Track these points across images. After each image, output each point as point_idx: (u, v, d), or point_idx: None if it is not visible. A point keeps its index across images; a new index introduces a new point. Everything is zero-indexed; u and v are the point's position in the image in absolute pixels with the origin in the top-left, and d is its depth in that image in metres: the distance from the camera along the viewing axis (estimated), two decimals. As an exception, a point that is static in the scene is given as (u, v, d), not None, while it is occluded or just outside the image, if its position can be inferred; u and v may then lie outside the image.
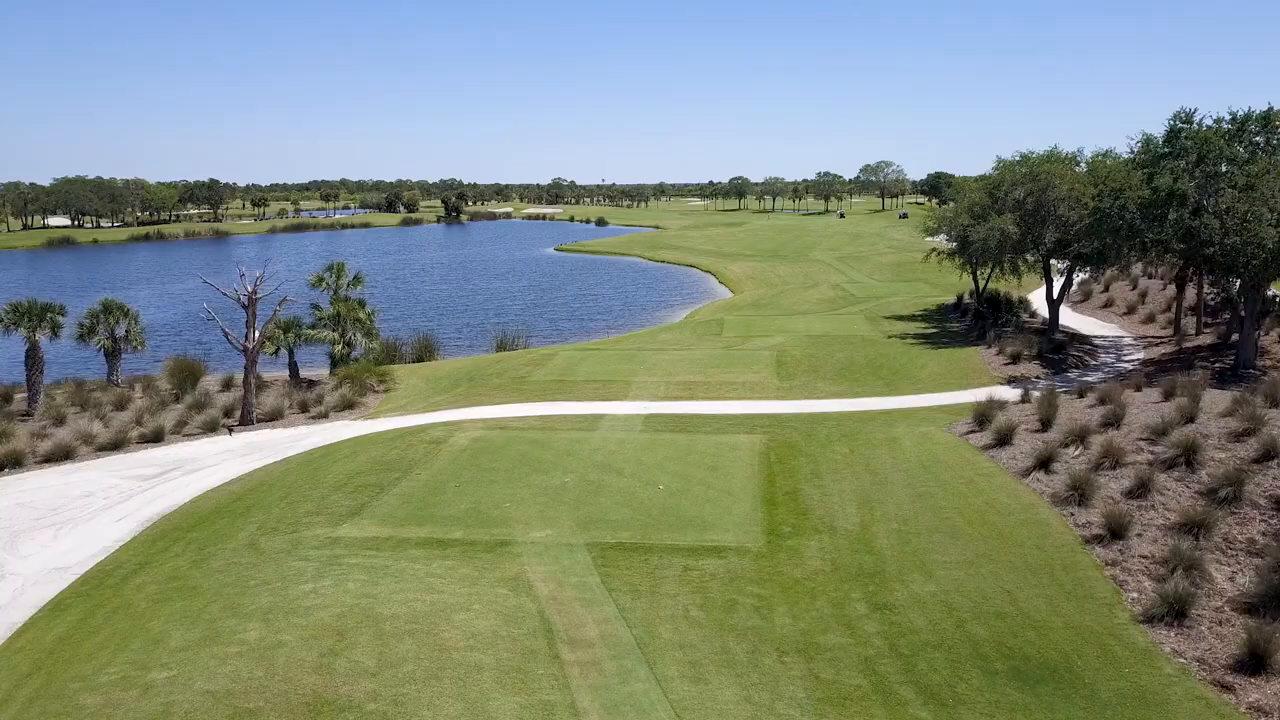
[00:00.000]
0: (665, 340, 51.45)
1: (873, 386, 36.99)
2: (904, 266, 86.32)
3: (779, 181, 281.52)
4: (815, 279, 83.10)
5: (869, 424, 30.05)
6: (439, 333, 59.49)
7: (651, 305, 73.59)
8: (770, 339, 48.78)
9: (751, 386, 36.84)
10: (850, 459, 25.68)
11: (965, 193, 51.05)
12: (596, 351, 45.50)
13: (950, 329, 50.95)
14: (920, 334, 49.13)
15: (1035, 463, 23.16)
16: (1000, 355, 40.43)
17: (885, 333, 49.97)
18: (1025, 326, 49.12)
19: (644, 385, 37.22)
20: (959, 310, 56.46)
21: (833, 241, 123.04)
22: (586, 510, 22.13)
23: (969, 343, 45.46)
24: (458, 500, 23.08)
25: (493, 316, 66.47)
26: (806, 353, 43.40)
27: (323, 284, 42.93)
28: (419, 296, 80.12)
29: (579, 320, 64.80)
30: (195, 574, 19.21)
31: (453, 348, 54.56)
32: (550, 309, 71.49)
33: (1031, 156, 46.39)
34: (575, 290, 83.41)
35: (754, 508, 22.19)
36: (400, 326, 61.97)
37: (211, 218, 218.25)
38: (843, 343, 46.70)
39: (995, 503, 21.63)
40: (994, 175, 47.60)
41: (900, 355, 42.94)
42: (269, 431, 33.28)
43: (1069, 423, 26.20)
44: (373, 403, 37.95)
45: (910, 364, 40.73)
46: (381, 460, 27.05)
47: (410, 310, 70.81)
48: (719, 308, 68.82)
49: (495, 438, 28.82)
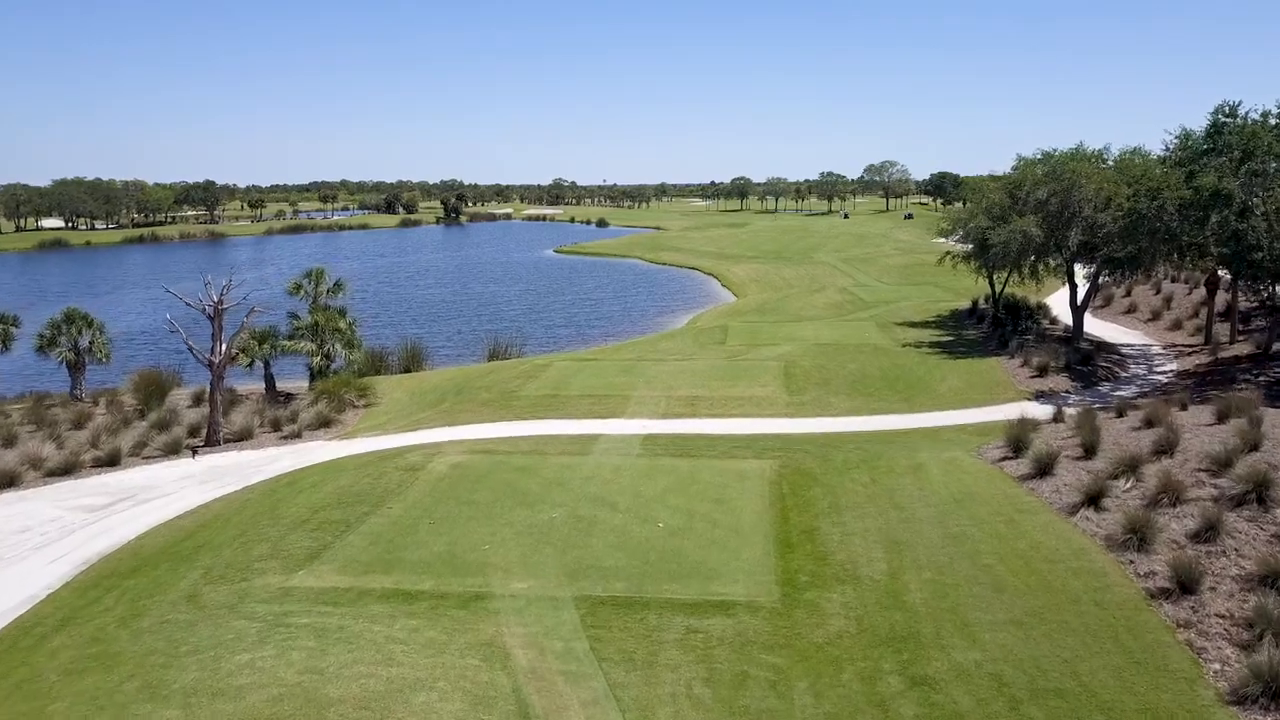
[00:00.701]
0: (666, 349, 48.79)
1: (889, 402, 34.35)
2: (913, 269, 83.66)
3: (781, 182, 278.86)
4: (821, 282, 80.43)
5: (889, 447, 27.40)
6: (429, 340, 56.87)
7: (652, 310, 70.99)
8: (777, 348, 46.11)
9: (759, 402, 34.20)
10: (872, 490, 23.03)
11: (983, 193, 48.33)
12: (593, 362, 42.88)
13: (967, 337, 48.28)
14: (936, 342, 46.46)
15: (1083, 498, 20.49)
16: (1025, 367, 37.75)
17: (898, 341, 47.30)
18: (1047, 334, 46.46)
19: (643, 400, 34.60)
20: (975, 316, 53.77)
21: (837, 243, 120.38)
22: (575, 554, 19.51)
23: (989, 352, 42.79)
24: (431, 541, 20.46)
25: (487, 323, 63.87)
26: (816, 363, 40.76)
27: (301, 291, 40.30)
28: (411, 301, 77.58)
29: (576, 327, 62.18)
30: (121, 636, 16.60)
31: (443, 357, 51.96)
32: (547, 315, 68.91)
33: (1054, 154, 43.71)
34: (573, 295, 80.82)
35: (766, 550, 19.56)
36: (389, 334, 59.38)
37: (207, 219, 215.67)
38: (854, 352, 44.05)
39: (1041, 546, 18.98)
40: (1014, 174, 44.90)
41: (917, 366, 40.29)
42: (236, 453, 30.69)
43: (1115, 448, 23.57)
44: (351, 419, 35.36)
45: (928, 376, 38.08)
46: (351, 490, 24.43)
47: (401, 316, 68.28)
48: (722, 313, 66.18)
49: (478, 464, 26.19)
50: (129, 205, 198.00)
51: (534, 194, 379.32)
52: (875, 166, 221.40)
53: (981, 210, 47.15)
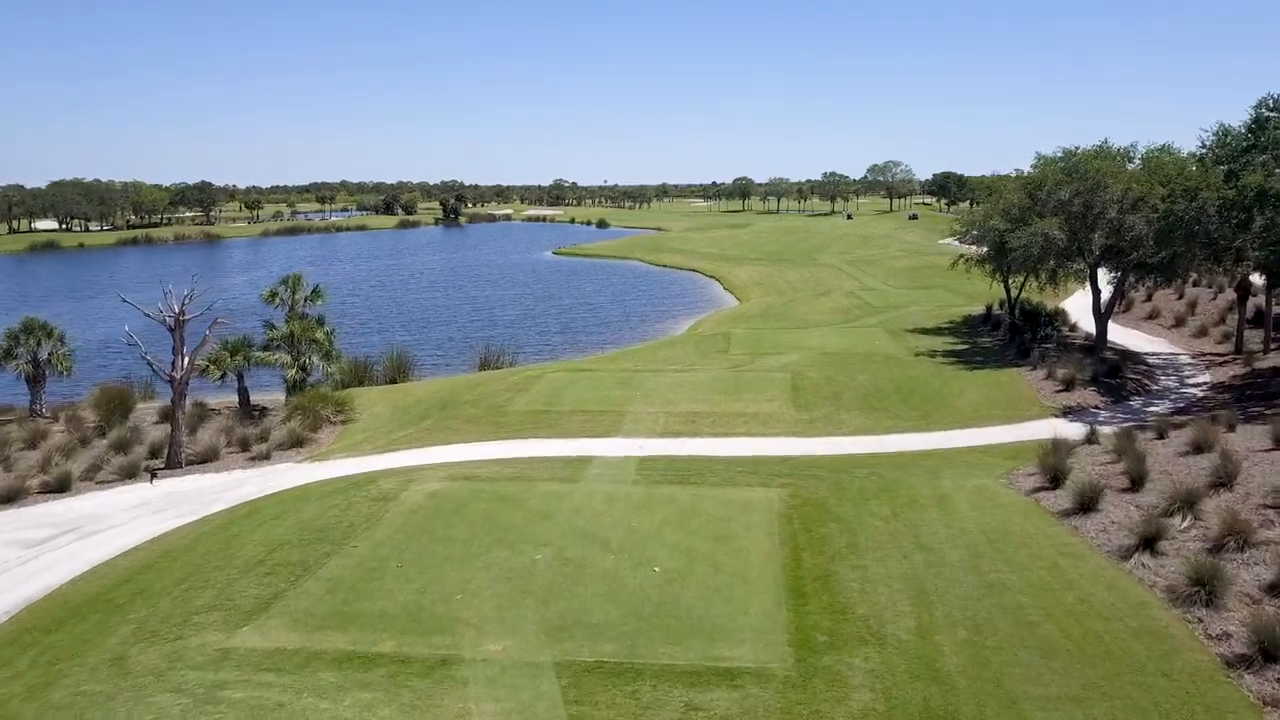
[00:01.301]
0: (666, 358, 46.39)
1: (905, 418, 31.93)
2: (921, 272, 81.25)
3: (784, 182, 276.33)
4: (827, 285, 78.03)
5: (908, 472, 24.99)
6: (418, 348, 54.48)
7: (651, 315, 68.57)
8: (783, 357, 43.72)
9: (764, 419, 31.79)
10: (893, 525, 20.62)
11: (1000, 193, 45.85)
12: (588, 373, 40.48)
13: (983, 345, 45.86)
14: (951, 351, 44.04)
15: (1137, 540, 18.06)
16: (1050, 380, 35.31)
17: (911, 349, 44.88)
18: (1068, 343, 44.02)
19: (640, 417, 32.19)
20: (990, 323, 51.35)
21: (842, 244, 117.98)
22: (559, 606, 17.11)
23: (1008, 362, 40.38)
24: (397, 588, 18.07)
25: (480, 329, 61.42)
26: (825, 375, 38.34)
27: (277, 299, 37.83)
28: (403, 305, 75.15)
29: (572, 334, 59.76)
30: (24, 714, 14.22)
31: (431, 366, 49.56)
32: (542, 320, 66.48)
33: (1076, 153, 41.27)
34: (570, 299, 78.39)
35: (777, 600, 17.17)
36: (377, 341, 56.99)
37: (203, 221, 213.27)
38: (864, 362, 41.64)
39: (1093, 600, 16.56)
40: (1033, 174, 42.45)
41: (932, 378, 37.88)
42: (197, 477, 28.31)
43: (1164, 478, 21.17)
44: (327, 438, 32.97)
45: (945, 389, 35.66)
46: (314, 524, 22.04)
47: (391, 322, 65.81)
48: (724, 318, 63.77)
49: (458, 492, 23.79)
50: (123, 207, 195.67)
51: (534, 195, 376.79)
52: (879, 166, 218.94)
53: (998, 211, 44.70)
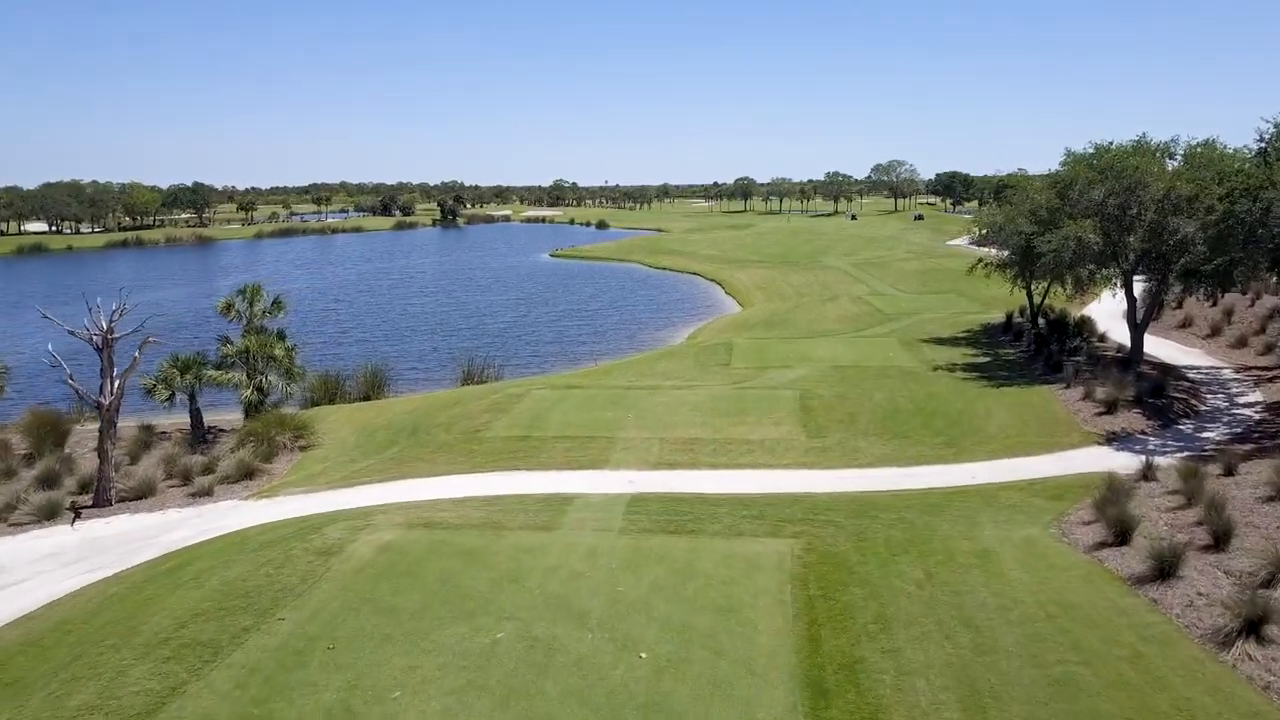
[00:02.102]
0: (663, 371, 42.94)
1: (930, 445, 28.43)
2: (931, 275, 77.75)
3: (786, 182, 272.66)
4: (833, 289, 74.52)
5: (941, 516, 21.52)
6: (399, 360, 51.07)
7: (649, 322, 65.08)
8: (790, 371, 40.26)
9: (771, 447, 28.30)
10: (929, 592, 17.14)
11: (1027, 193, 42.31)
12: (577, 390, 37.01)
13: (1005, 357, 42.35)
14: (972, 365, 40.54)
15: (1239, 624, 14.56)
16: (1088, 400, 31.78)
17: (928, 362, 41.39)
18: (1099, 355, 40.50)
19: (631, 444, 28.72)
20: (1011, 332, 47.83)
21: (847, 245, 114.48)
22: (520, 709, 13.67)
23: (1036, 377, 36.90)
24: (323, 681, 14.63)
25: (467, 339, 57.89)
26: (837, 393, 34.88)
27: (233, 312, 34.34)
28: (389, 312, 71.57)
29: (564, 344, 56.23)
30: None
31: (410, 380, 46.09)
32: (534, 328, 62.96)
33: (1111, 148, 37.77)
34: (565, 305, 74.88)
35: (792, 702, 13.74)
36: (355, 353, 53.59)
37: (196, 223, 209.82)
38: (879, 377, 38.18)
39: (1193, 708, 13.06)
40: (1063, 172, 38.93)
41: (954, 397, 34.40)
42: (126, 518, 24.88)
43: (1251, 531, 17.75)
44: (281, 468, 29.53)
45: (971, 411, 32.15)
46: (242, 586, 18.59)
47: (375, 330, 62.25)
48: (726, 325, 60.28)
49: (415, 544, 20.34)
50: (115, 209, 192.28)
51: (534, 195, 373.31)
52: (883, 166, 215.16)
53: (1024, 213, 41.20)
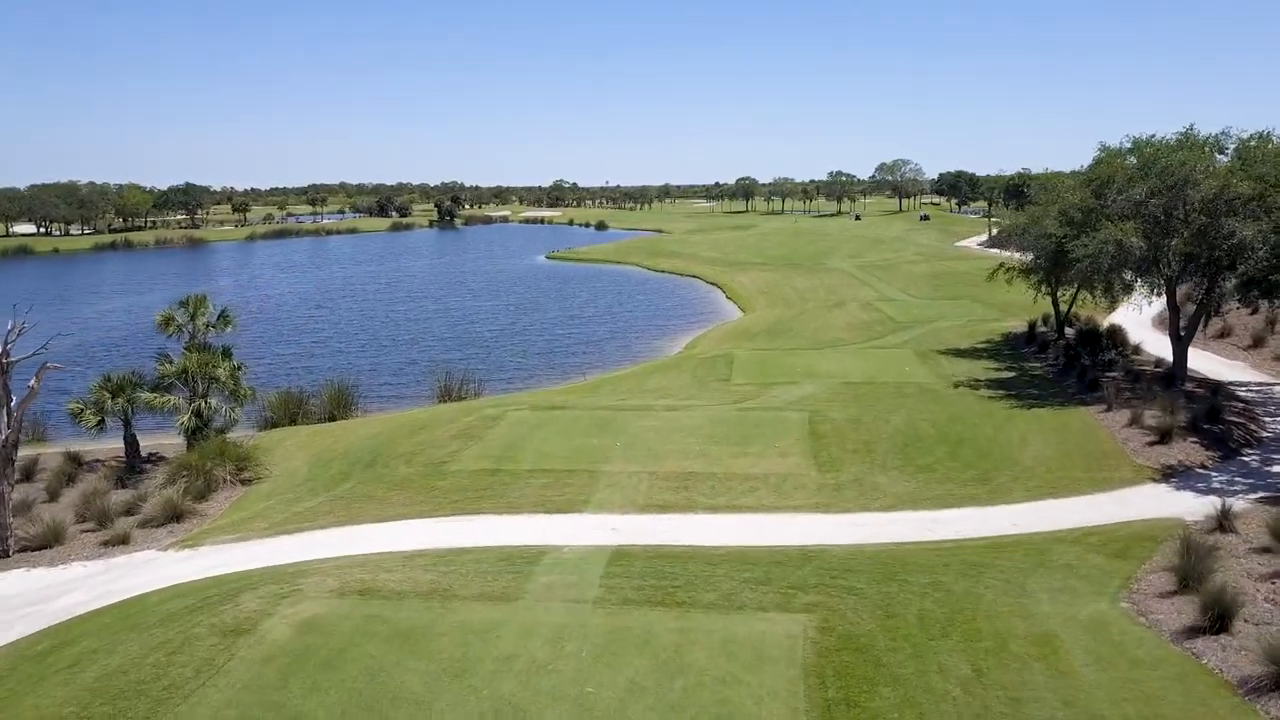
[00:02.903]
0: (656, 388, 39.28)
1: (959, 481, 24.73)
2: (943, 279, 74.00)
3: (788, 182, 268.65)
4: (840, 294, 70.78)
5: (982, 579, 17.81)
6: (374, 374, 47.43)
7: (644, 331, 61.36)
8: (796, 388, 36.60)
9: (777, 484, 24.61)
10: (978, 696, 13.43)
11: (1057, 192, 38.53)
12: (560, 412, 33.33)
13: (1032, 371, 38.65)
14: (996, 381, 36.84)
15: None
16: (1136, 427, 28.03)
17: (948, 378, 37.70)
18: (1138, 371, 36.78)
19: (616, 480, 25.04)
20: (1035, 342, 44.09)
21: (852, 247, 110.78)
22: None
23: (1070, 397, 33.21)
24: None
25: (450, 349, 54.12)
26: (850, 415, 31.20)
27: (172, 326, 30.58)
28: (371, 319, 67.66)
29: (552, 355, 52.45)
30: None
31: (382, 398, 42.37)
32: (523, 337, 59.22)
33: (1152, 142, 34.04)
34: (557, 311, 71.15)
35: None
36: (329, 365, 49.93)
37: (188, 224, 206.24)
38: (895, 396, 34.52)
39: None
40: (1097, 169, 35.17)
41: (981, 419, 30.70)
42: (20, 575, 21.25)
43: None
44: (216, 507, 25.88)
45: (1002, 438, 28.44)
46: (119, 684, 14.93)
47: (353, 339, 58.33)
48: (727, 334, 56.57)
49: (344, 620, 16.65)
50: (105, 210, 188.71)
51: (534, 196, 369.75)
52: (888, 165, 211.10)
53: (1053, 214, 37.47)
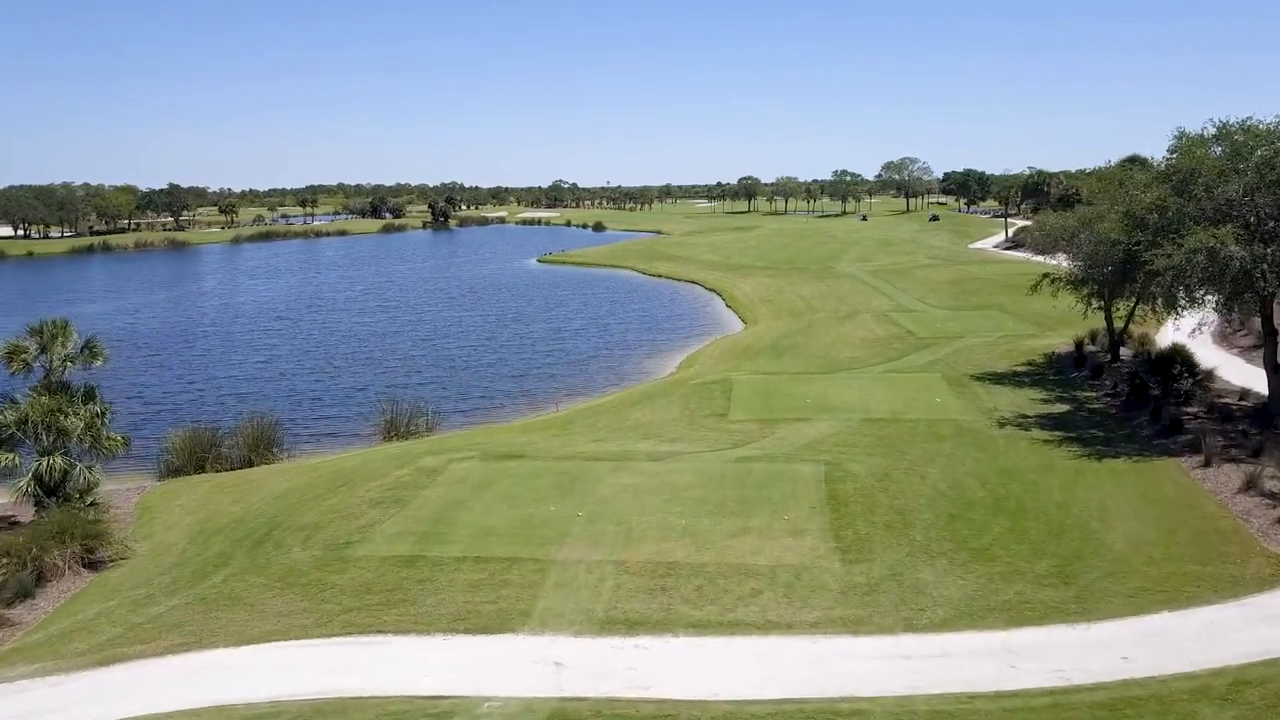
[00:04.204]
0: (640, 423, 32.96)
1: (1032, 577, 18.38)
2: (965, 286, 67.47)
3: (791, 181, 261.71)
4: (850, 302, 64.36)
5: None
6: (315, 404, 41.13)
7: (635, 347, 55.00)
8: (807, 427, 30.30)
9: (789, 583, 18.27)
10: None
11: (1126, 189, 31.98)
12: (515, 463, 26.97)
13: (1089, 404, 32.30)
14: (1049, 417, 30.50)
15: None
16: (1255, 494, 21.65)
17: (989, 412, 31.39)
18: (1222, 405, 30.33)
19: (570, 576, 18.72)
20: (1086, 366, 37.66)
21: (861, 249, 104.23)
22: None
23: (1147, 442, 26.95)
24: None
25: (410, 372, 47.47)
26: (877, 467, 24.89)
27: (17, 361, 24.04)
28: (333, 334, 60.73)
29: (526, 379, 45.88)
30: None
31: (313, 436, 35.96)
32: (499, 354, 52.76)
33: (1247, 127, 27.64)
34: (541, 323, 64.69)
35: None
36: (268, 391, 43.64)
37: (173, 226, 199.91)
38: (928, 437, 28.25)
39: None
40: (1179, 160, 28.69)
41: (1041, 473, 24.42)
42: None
43: None
44: (43, 608, 19.53)
45: (1074, 502, 22.12)
46: None
47: (305, 358, 51.28)
48: (725, 351, 50.16)
49: None
50: (85, 212, 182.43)
51: (533, 196, 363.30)
52: (894, 164, 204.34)
53: (1116, 216, 31.06)
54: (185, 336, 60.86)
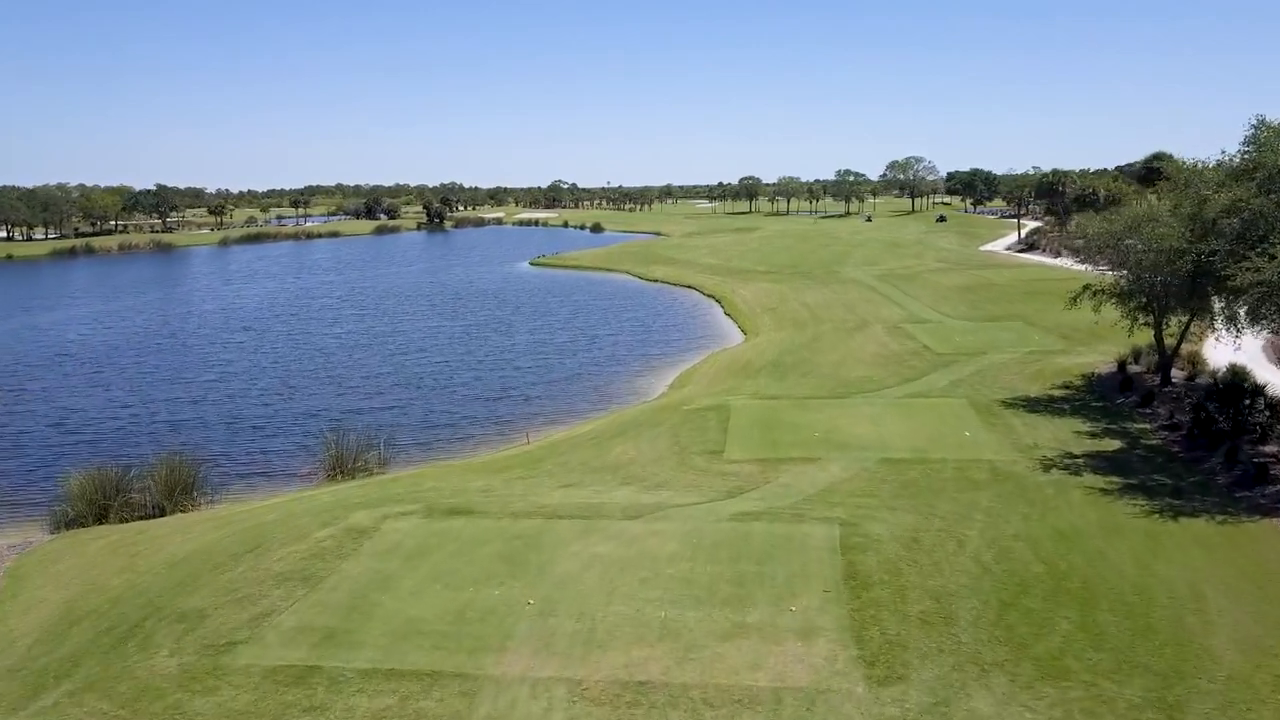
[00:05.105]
0: (620, 462, 28.36)
1: (1117, 708, 13.85)
2: (980, 294, 62.74)
3: (794, 181, 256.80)
4: (859, 311, 59.67)
5: None
6: (255, 433, 36.48)
7: (624, 362, 50.40)
8: (816, 470, 25.71)
9: (796, 715, 13.62)
10: None
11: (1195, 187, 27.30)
12: (462, 522, 22.37)
13: (1144, 439, 27.68)
14: (1099, 457, 25.90)
15: None
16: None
17: (1028, 450, 26.81)
18: (1307, 444, 25.68)
19: (511, 701, 14.18)
20: (1134, 390, 32.98)
21: (867, 252, 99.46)
22: None
23: (1227, 493, 22.39)
24: None
25: (372, 394, 42.67)
26: (903, 530, 20.29)
27: None
28: (298, 346, 55.80)
29: (500, 402, 41.04)
30: None
31: (241, 475, 31.20)
32: (475, 371, 47.95)
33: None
34: (525, 334, 59.95)
35: None
36: (211, 416, 39.06)
37: (160, 228, 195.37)
38: (961, 484, 23.67)
39: None
40: (1261, 155, 24.02)
41: (1107, 538, 19.82)
42: None
43: None
44: None
45: (1155, 585, 17.51)
46: None
47: (259, 377, 45.92)
48: (723, 368, 45.52)
49: None
50: (70, 214, 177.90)
51: (531, 197, 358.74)
52: (899, 163, 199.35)
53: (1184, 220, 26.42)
54: (138, 349, 56.17)
